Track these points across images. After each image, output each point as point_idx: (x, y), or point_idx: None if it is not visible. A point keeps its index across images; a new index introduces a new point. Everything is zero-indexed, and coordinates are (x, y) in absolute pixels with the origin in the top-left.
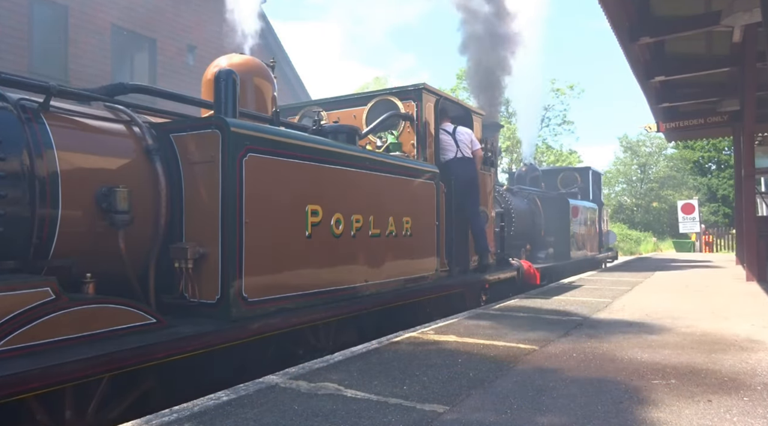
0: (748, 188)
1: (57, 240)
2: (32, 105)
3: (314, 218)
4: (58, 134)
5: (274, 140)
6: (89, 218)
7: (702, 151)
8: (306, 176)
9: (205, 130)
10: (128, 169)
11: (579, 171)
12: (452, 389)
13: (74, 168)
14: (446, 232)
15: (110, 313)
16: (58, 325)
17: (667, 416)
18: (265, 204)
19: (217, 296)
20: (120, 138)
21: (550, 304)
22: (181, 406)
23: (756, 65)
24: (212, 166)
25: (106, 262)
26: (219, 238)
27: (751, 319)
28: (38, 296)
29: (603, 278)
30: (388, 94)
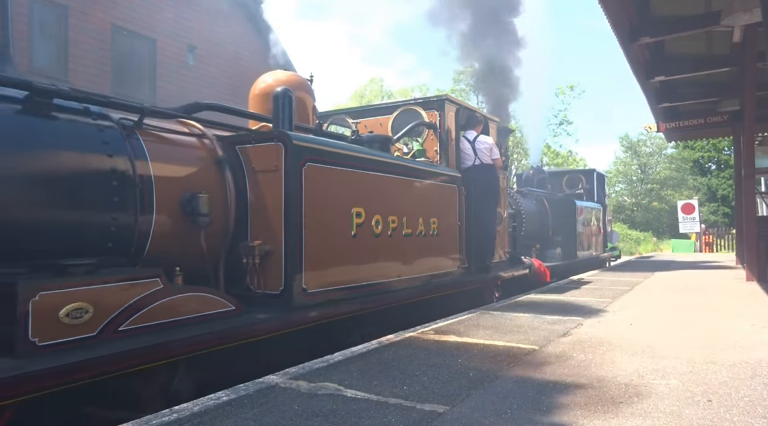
0: (748, 188)
1: (151, 239)
2: (129, 123)
3: (358, 219)
4: (150, 148)
5: (327, 151)
6: (176, 220)
7: (702, 151)
8: (351, 182)
9: (268, 142)
10: (204, 177)
11: (584, 173)
12: (452, 389)
13: (164, 177)
14: (466, 233)
15: (201, 301)
16: (165, 309)
17: (667, 417)
18: (319, 207)
19: (280, 288)
20: (196, 150)
21: (554, 303)
22: (181, 406)
23: (756, 65)
24: (276, 174)
25: (189, 258)
26: (282, 237)
27: (751, 319)
28: (151, 286)
29: (606, 278)
30: (412, 104)
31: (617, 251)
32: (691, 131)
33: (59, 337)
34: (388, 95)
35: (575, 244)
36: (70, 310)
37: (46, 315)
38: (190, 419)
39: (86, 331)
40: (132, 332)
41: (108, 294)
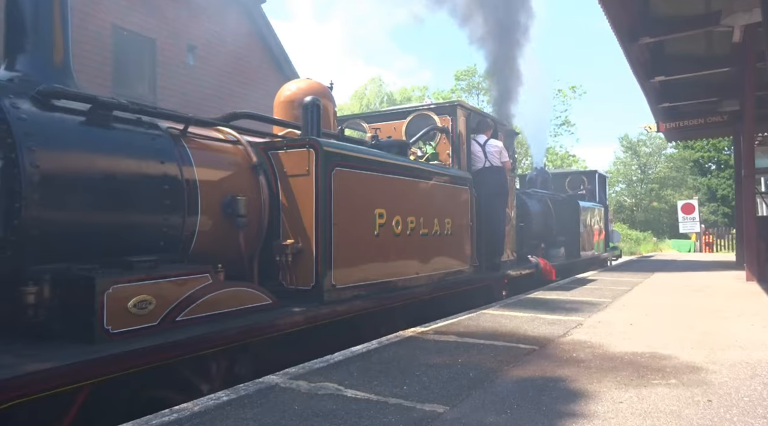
0: (748, 188)
1: (196, 238)
2: (175, 131)
3: (381, 220)
4: (195, 154)
5: (354, 156)
6: (217, 221)
7: (702, 151)
8: (374, 184)
9: (300, 148)
10: (241, 181)
11: (586, 174)
12: (452, 389)
13: (207, 181)
14: (477, 232)
15: (243, 295)
16: (213, 302)
17: (667, 417)
18: (346, 208)
19: (312, 284)
20: (233, 155)
21: (555, 302)
22: (181, 406)
23: (756, 65)
24: (307, 178)
25: (228, 256)
26: (314, 237)
27: (752, 318)
28: (201, 281)
29: (607, 278)
30: (425, 110)
31: (618, 251)
32: (691, 131)
33: (128, 325)
34: (388, 95)
35: (578, 243)
36: (137, 302)
37: (118, 306)
38: (190, 419)
39: (149, 320)
40: (187, 322)
41: (167, 288)
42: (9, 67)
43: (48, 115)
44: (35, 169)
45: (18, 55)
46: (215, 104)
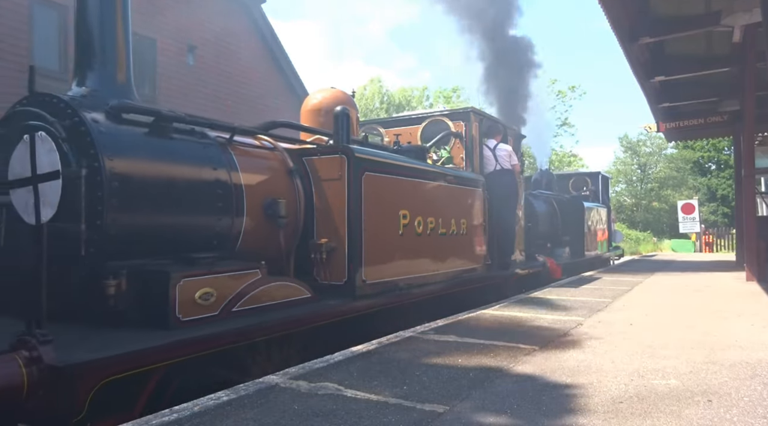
0: (748, 188)
1: (242, 237)
2: (222, 140)
3: (404, 220)
4: (239, 161)
5: (381, 161)
6: (260, 221)
7: (702, 151)
8: (399, 187)
9: (333, 154)
10: (279, 185)
11: (589, 175)
12: (452, 389)
13: (251, 185)
14: (489, 232)
15: (287, 288)
16: (263, 295)
17: (667, 417)
18: (374, 210)
19: (344, 279)
20: (271, 161)
21: (556, 301)
22: (181, 406)
23: (756, 65)
24: (339, 182)
25: (269, 253)
26: (346, 236)
27: (752, 318)
28: (253, 276)
29: (609, 278)
30: (439, 116)
31: (620, 250)
32: (691, 131)
33: (194, 314)
34: (388, 95)
35: (583, 243)
36: (202, 294)
37: (187, 297)
38: (190, 419)
39: (212, 310)
40: (242, 313)
41: (225, 282)
42: (80, 83)
43: (120, 127)
44: (114, 176)
45: (87, 73)
46: (215, 104)
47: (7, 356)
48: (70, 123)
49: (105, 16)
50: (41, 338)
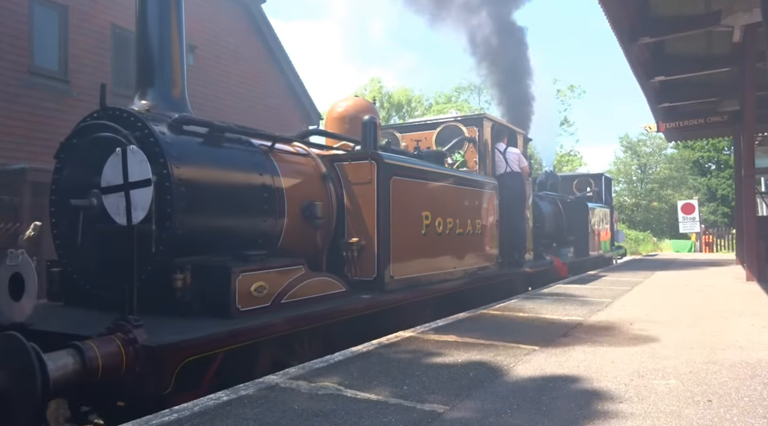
0: (748, 188)
1: (283, 236)
2: (265, 148)
3: (426, 221)
4: (280, 166)
5: (407, 166)
6: (298, 222)
7: (702, 151)
8: (422, 190)
9: (363, 160)
10: (314, 188)
11: (593, 177)
12: (452, 389)
13: (290, 189)
14: (500, 232)
15: (326, 283)
16: (306, 288)
17: (667, 417)
18: (401, 211)
19: (374, 275)
20: (307, 166)
21: (556, 301)
22: (181, 406)
23: (756, 65)
24: (369, 186)
25: (306, 251)
26: (375, 235)
27: (752, 318)
28: (298, 271)
29: (610, 278)
30: (453, 121)
31: (623, 250)
32: (691, 131)
33: (251, 305)
34: (389, 96)
35: (587, 243)
36: (256, 287)
37: (245, 289)
38: (190, 419)
39: (264, 302)
40: (290, 304)
41: (275, 276)
42: (141, 97)
43: (182, 138)
44: (181, 182)
45: (148, 89)
46: (215, 104)
47: (107, 337)
48: (141, 134)
49: (163, 39)
50: (134, 323)
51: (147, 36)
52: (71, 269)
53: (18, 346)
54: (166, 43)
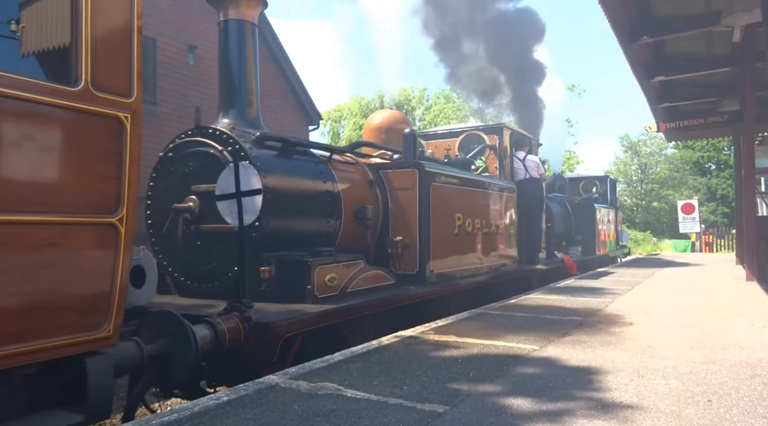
0: (748, 188)
1: (340, 235)
2: (324, 158)
3: (458, 222)
4: (337, 174)
5: (443, 174)
6: (352, 223)
7: (702, 151)
8: (455, 194)
9: (406, 168)
10: (364, 193)
11: (598, 179)
12: (452, 389)
13: (346, 194)
14: (518, 232)
15: (380, 275)
16: (365, 280)
17: (667, 417)
18: (438, 213)
19: (416, 269)
20: (357, 174)
21: (558, 300)
22: (181, 406)
23: (756, 65)
24: (411, 191)
25: (358, 248)
26: (417, 234)
27: (751, 319)
28: (359, 265)
29: (611, 277)
30: (475, 130)
31: (626, 249)
32: (691, 131)
33: (325, 293)
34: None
35: (594, 242)
36: (329, 278)
37: (321, 280)
38: (190, 419)
39: (334, 290)
40: (354, 293)
41: (342, 268)
42: (224, 116)
43: (264, 152)
44: (268, 190)
45: (230, 110)
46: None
47: (228, 316)
48: (233, 149)
49: (241, 67)
50: (247, 304)
51: (229, 64)
52: (166, 263)
53: (175, 321)
54: (244, 71)
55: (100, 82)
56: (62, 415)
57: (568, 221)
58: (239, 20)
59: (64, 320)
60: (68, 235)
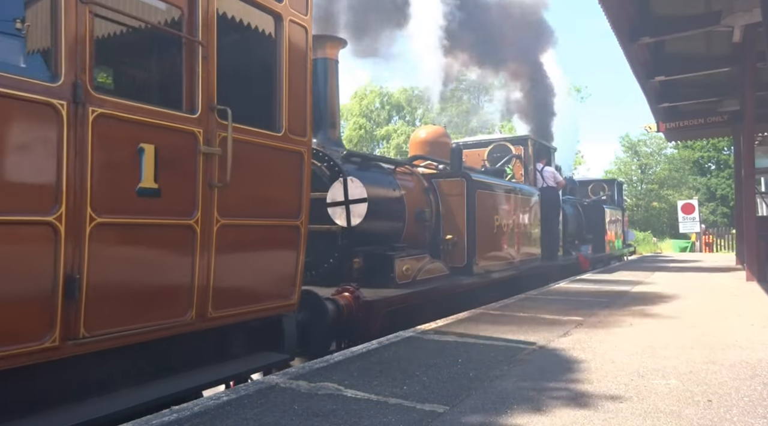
0: (748, 188)
1: (404, 234)
2: (390, 169)
3: (497, 223)
4: (401, 183)
5: (485, 182)
6: (413, 224)
7: (702, 151)
8: (494, 199)
9: (456, 178)
10: (421, 199)
11: (606, 182)
12: (452, 389)
13: (408, 199)
14: (541, 233)
15: (439, 267)
16: (428, 270)
17: (667, 417)
18: (481, 215)
19: (464, 263)
20: (414, 183)
21: (557, 301)
22: (181, 406)
23: (756, 65)
24: (460, 197)
25: (417, 245)
26: (465, 233)
27: (751, 319)
28: (424, 258)
29: (612, 277)
30: (503, 141)
31: (633, 248)
32: (691, 131)
33: (403, 280)
34: (389, 95)
35: (603, 241)
36: (405, 268)
37: (399, 269)
38: (190, 419)
39: (409, 278)
40: (422, 282)
41: (413, 261)
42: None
43: (351, 166)
44: None
45: (318, 131)
46: None
47: (343, 295)
48: (327, 165)
49: (327, 95)
50: (355, 286)
51: (317, 94)
52: None
53: (314, 297)
54: (328, 100)
55: (291, 128)
56: (271, 355)
57: (579, 221)
58: (324, 58)
59: (274, 292)
60: (278, 233)
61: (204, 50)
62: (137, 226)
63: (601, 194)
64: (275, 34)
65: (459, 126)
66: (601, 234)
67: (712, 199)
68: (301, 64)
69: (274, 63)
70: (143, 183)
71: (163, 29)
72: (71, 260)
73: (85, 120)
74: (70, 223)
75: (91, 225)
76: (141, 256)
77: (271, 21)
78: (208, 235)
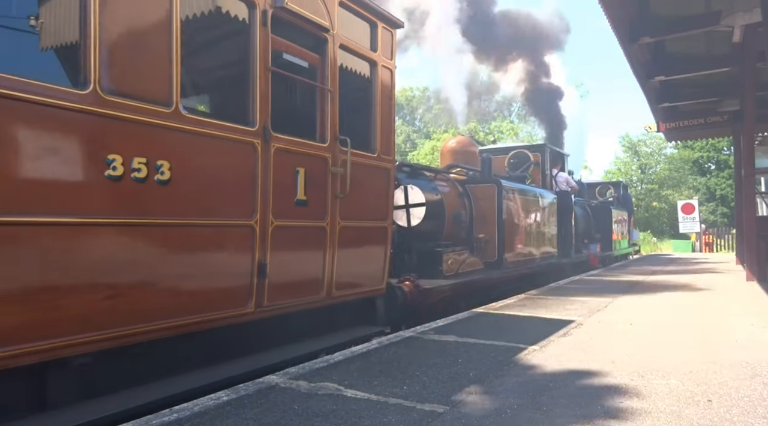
0: (748, 188)
1: (444, 233)
2: (431, 176)
3: (522, 223)
4: (441, 189)
5: (512, 188)
6: (451, 224)
7: (702, 151)
8: (519, 202)
9: (487, 184)
10: (457, 203)
11: (613, 184)
12: (452, 389)
13: (448, 203)
14: (557, 233)
15: (475, 261)
16: (468, 264)
17: (667, 417)
18: (509, 216)
19: (495, 258)
20: (451, 188)
21: (557, 299)
22: (181, 406)
23: (756, 65)
24: (491, 201)
25: (454, 241)
26: (496, 232)
27: (752, 318)
28: (465, 253)
29: (612, 278)
30: (522, 149)
31: (638, 247)
32: (691, 131)
33: (449, 272)
34: None
35: (610, 240)
36: (451, 262)
37: (447, 263)
38: (190, 419)
39: (453, 271)
40: (464, 274)
41: (456, 256)
42: None
43: (401, 175)
44: None
45: None
46: None
47: (405, 284)
48: None
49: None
50: (415, 277)
51: None
52: None
53: (388, 284)
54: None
55: (381, 150)
56: (371, 328)
57: (588, 222)
58: None
59: (371, 279)
60: (374, 232)
61: (331, 95)
62: (294, 227)
63: (607, 195)
64: (371, 76)
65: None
66: (609, 234)
67: (712, 199)
68: (388, 98)
69: (370, 99)
70: (298, 196)
71: (308, 82)
72: (262, 251)
73: (269, 153)
74: (261, 225)
75: (272, 227)
76: (297, 249)
77: (368, 67)
78: (333, 234)
